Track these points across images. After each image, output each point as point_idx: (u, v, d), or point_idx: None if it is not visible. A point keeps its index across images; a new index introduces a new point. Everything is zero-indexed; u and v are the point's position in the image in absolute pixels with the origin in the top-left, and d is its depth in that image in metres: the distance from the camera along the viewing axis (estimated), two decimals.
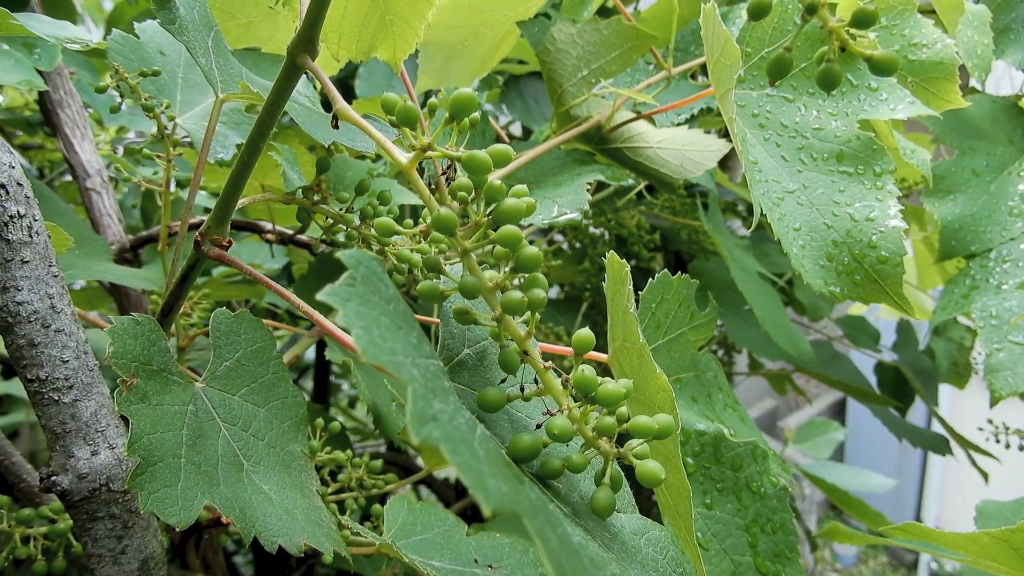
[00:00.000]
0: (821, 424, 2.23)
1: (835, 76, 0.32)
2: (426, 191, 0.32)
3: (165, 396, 0.40)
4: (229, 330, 0.45)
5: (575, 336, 0.34)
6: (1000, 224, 0.96)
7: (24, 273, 0.41)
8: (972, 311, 0.91)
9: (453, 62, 0.88)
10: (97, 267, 0.65)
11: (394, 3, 0.58)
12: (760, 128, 0.70)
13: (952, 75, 0.79)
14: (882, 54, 0.30)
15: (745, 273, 1.02)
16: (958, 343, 1.49)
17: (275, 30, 0.74)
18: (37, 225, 0.42)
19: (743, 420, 0.68)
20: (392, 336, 0.24)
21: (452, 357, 0.36)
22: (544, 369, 0.32)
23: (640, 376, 0.46)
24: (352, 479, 0.56)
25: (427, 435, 0.20)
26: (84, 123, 0.93)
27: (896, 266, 0.63)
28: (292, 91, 0.39)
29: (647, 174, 0.85)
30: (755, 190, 0.64)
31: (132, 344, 0.40)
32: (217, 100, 0.49)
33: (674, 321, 0.64)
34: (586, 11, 1.10)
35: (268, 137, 0.40)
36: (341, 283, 0.23)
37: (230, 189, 0.42)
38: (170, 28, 0.46)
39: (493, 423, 0.35)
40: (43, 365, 0.42)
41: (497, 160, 0.31)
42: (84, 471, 0.42)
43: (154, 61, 0.65)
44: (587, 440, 0.32)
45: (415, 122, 0.31)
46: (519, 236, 0.30)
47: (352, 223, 0.53)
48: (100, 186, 0.90)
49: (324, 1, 0.35)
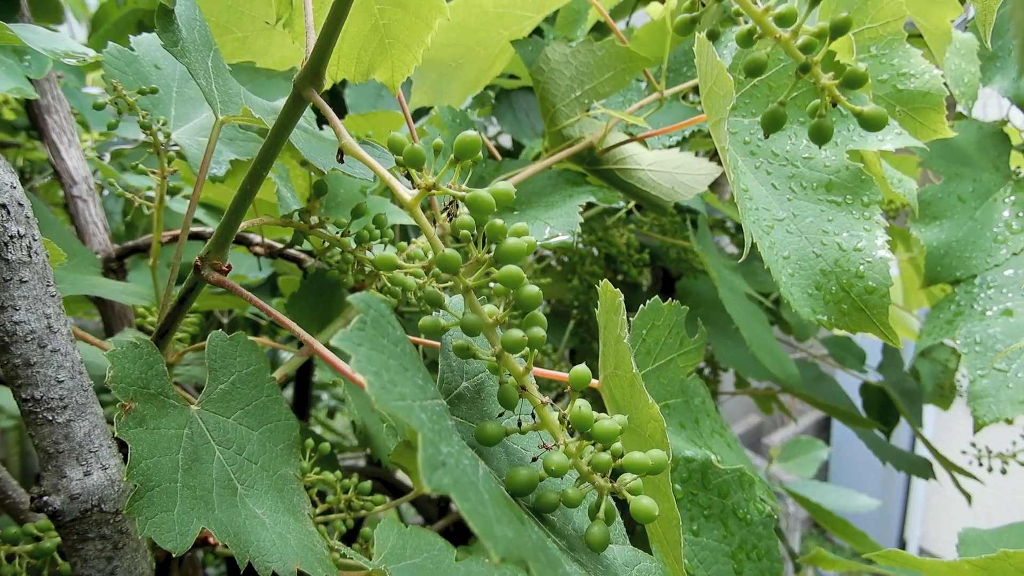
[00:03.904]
0: (806, 443, 2.26)
1: (827, 131, 0.33)
2: (431, 230, 0.33)
3: (162, 420, 0.41)
4: (224, 353, 0.46)
5: (572, 372, 0.35)
6: (985, 250, 0.98)
7: (22, 293, 0.42)
8: (957, 337, 0.93)
9: (447, 79, 0.89)
10: (86, 281, 0.65)
11: (394, 27, 0.59)
12: (751, 156, 0.72)
13: (939, 106, 0.81)
14: (872, 111, 0.31)
15: (733, 294, 1.04)
16: (943, 365, 1.52)
17: (270, 45, 0.75)
18: (36, 245, 0.43)
19: (730, 446, 0.69)
20: (400, 380, 0.25)
21: (451, 390, 0.38)
22: (542, 404, 0.34)
23: (631, 405, 0.48)
24: (340, 500, 0.57)
25: (438, 482, 0.21)
26: (71, 129, 0.93)
27: (883, 296, 0.64)
28: (297, 122, 0.40)
29: (638, 196, 0.86)
30: (746, 218, 0.66)
31: (131, 368, 0.41)
32: (217, 122, 0.50)
33: (664, 347, 0.65)
34: (580, 29, 1.12)
35: (271, 166, 0.41)
36: (352, 328, 0.25)
37: (232, 215, 0.43)
38: (172, 50, 0.47)
39: (490, 455, 0.36)
40: (38, 385, 0.43)
41: (499, 200, 0.32)
42: (76, 492, 0.43)
43: (149, 75, 0.66)
44: (582, 474, 0.33)
45: (422, 164, 0.33)
46: (521, 276, 0.31)
47: (348, 247, 0.54)
48: (86, 194, 0.91)
49: (332, 37, 0.36)
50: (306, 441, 0.57)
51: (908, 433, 2.80)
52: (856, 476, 3.14)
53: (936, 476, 1.36)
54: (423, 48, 0.62)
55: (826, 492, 2.16)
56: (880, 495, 2.55)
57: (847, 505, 2.14)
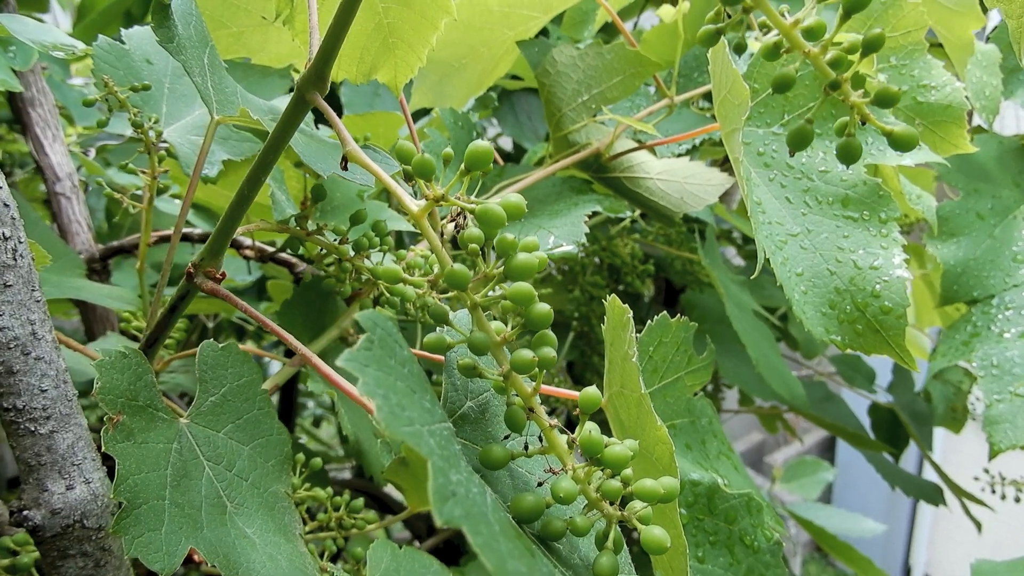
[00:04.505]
0: (811, 463, 2.26)
1: (856, 150, 0.34)
2: (438, 243, 0.33)
3: (150, 433, 0.41)
4: (216, 364, 0.46)
5: (582, 395, 0.35)
6: (1003, 270, 0.98)
7: (6, 298, 0.42)
8: (973, 359, 0.93)
9: (449, 80, 0.89)
10: (70, 284, 0.65)
11: (398, 26, 0.59)
12: (765, 168, 0.72)
13: (960, 120, 0.82)
14: (903, 130, 0.31)
15: (741, 311, 1.04)
16: (956, 386, 1.52)
17: (266, 41, 0.75)
18: (22, 248, 0.43)
19: (736, 468, 0.69)
20: (409, 403, 0.25)
21: (455, 410, 0.38)
22: (550, 428, 0.33)
23: (638, 425, 0.48)
24: (331, 518, 0.57)
25: (449, 515, 0.21)
26: (56, 123, 0.93)
27: (899, 317, 0.64)
28: (299, 126, 0.40)
29: (646, 206, 0.86)
30: (759, 232, 0.65)
31: (119, 379, 0.41)
32: (212, 122, 0.50)
33: (671, 365, 0.65)
34: (587, 30, 1.12)
35: (271, 171, 0.41)
36: (359, 347, 0.24)
37: (227, 221, 0.43)
38: (168, 47, 0.47)
39: (495, 478, 0.36)
40: (20, 394, 0.42)
41: (510, 213, 0.32)
42: (58, 506, 0.43)
43: (140, 70, 0.66)
44: (590, 501, 0.33)
45: (431, 175, 0.33)
46: (532, 294, 0.31)
47: (347, 255, 0.54)
48: (70, 191, 0.91)
49: (337, 39, 0.36)
50: (297, 456, 0.56)
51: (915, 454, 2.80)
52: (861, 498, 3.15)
53: (946, 503, 1.36)
54: (428, 49, 0.62)
55: (830, 515, 2.16)
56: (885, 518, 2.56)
57: (852, 529, 2.15)
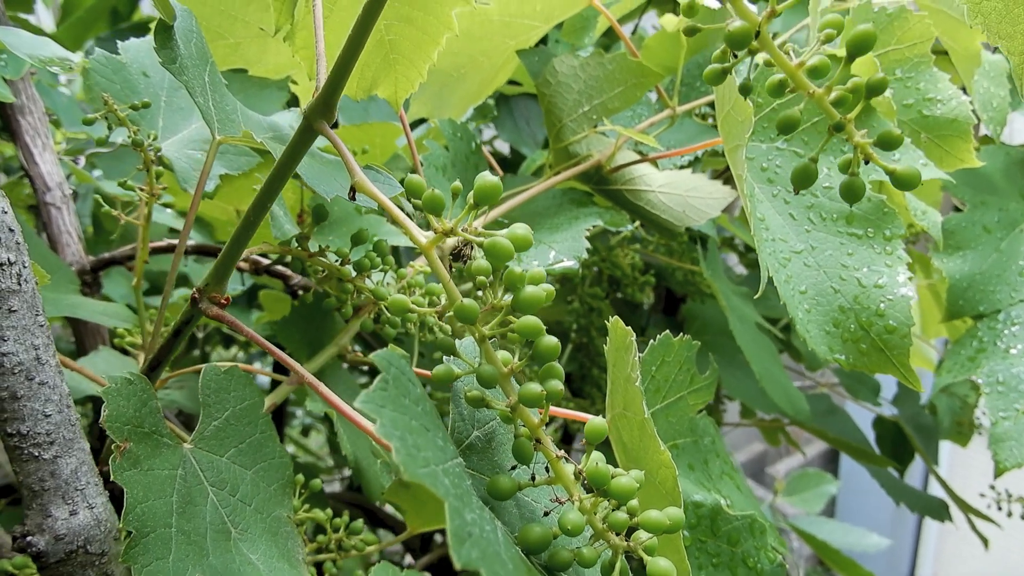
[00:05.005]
0: (814, 476, 2.28)
1: (860, 189, 0.35)
2: (446, 276, 0.34)
3: (155, 460, 0.43)
4: (219, 387, 0.47)
5: (588, 426, 0.37)
6: (1010, 284, 0.99)
7: (11, 323, 0.43)
8: (979, 376, 0.94)
9: (448, 90, 0.91)
10: (66, 300, 0.66)
11: (399, 42, 0.61)
12: (768, 183, 0.74)
13: (966, 134, 0.83)
14: (905, 170, 0.33)
15: (743, 324, 1.06)
16: (962, 400, 1.54)
17: (264, 52, 0.77)
18: (26, 272, 0.44)
19: (739, 488, 0.71)
20: (424, 443, 0.26)
21: (462, 440, 0.39)
22: (557, 459, 0.35)
23: (641, 448, 0.49)
24: (331, 540, 0.58)
25: (467, 558, 0.23)
26: (46, 131, 0.94)
27: (904, 337, 0.66)
28: (305, 153, 0.42)
29: (648, 219, 0.88)
30: (763, 249, 0.67)
31: (125, 406, 0.42)
32: (214, 142, 0.52)
33: (674, 385, 0.67)
34: (588, 37, 1.14)
35: (276, 197, 0.43)
36: (375, 388, 0.26)
37: (233, 247, 0.44)
38: (171, 67, 0.48)
39: (501, 508, 0.38)
40: (24, 419, 0.44)
41: (517, 246, 0.34)
42: (62, 532, 0.44)
43: (137, 83, 0.67)
44: (596, 532, 0.35)
45: (441, 210, 0.34)
46: (540, 328, 0.33)
47: (349, 276, 0.55)
48: (60, 201, 0.92)
49: (347, 68, 0.38)
50: (296, 476, 0.58)
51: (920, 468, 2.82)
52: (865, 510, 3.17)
53: (952, 519, 1.38)
54: (429, 64, 0.64)
55: (833, 529, 2.18)
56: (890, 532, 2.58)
57: (856, 544, 2.17)
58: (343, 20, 0.57)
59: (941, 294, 1.04)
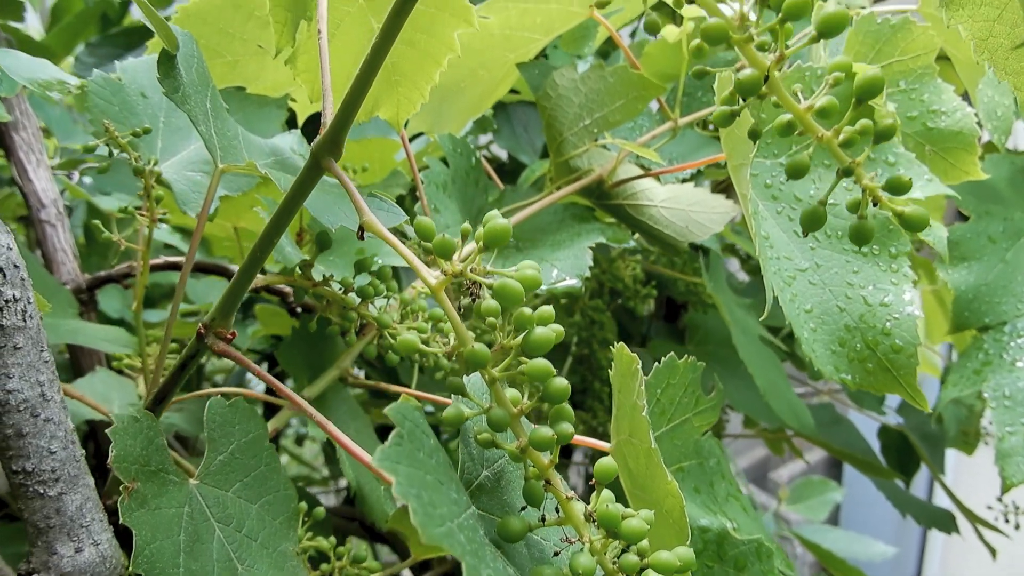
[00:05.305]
0: (818, 483, 2.29)
1: (868, 232, 0.36)
2: (456, 318, 0.35)
3: (163, 499, 0.43)
4: (224, 421, 0.48)
5: (597, 467, 0.38)
6: (1016, 296, 1.00)
7: (16, 360, 0.44)
8: (984, 390, 0.95)
9: (447, 104, 0.91)
10: (65, 326, 0.67)
11: (402, 64, 0.62)
12: (773, 200, 0.74)
13: (971, 146, 0.84)
14: (913, 212, 0.34)
15: (747, 337, 1.07)
16: (968, 408, 1.55)
17: (262, 69, 0.77)
18: (31, 308, 0.45)
19: (745, 510, 0.72)
20: (439, 499, 0.27)
21: (471, 481, 0.40)
22: (567, 500, 0.36)
23: (648, 476, 0.50)
24: (335, 568, 0.59)
25: None
26: (40, 147, 0.95)
27: (911, 356, 0.67)
28: (312, 190, 0.42)
29: (650, 234, 0.89)
30: (767, 268, 0.68)
31: (132, 445, 0.43)
32: (217, 170, 0.52)
33: (679, 407, 0.67)
34: (587, 46, 1.15)
35: (283, 233, 0.44)
36: (391, 444, 0.27)
37: (239, 282, 0.45)
38: (174, 97, 0.49)
39: (510, 550, 0.38)
40: (30, 457, 0.44)
41: (527, 287, 0.35)
42: (67, 569, 0.45)
43: (136, 105, 0.68)
44: (607, 572, 0.35)
45: (452, 254, 0.35)
46: (551, 371, 0.34)
47: (353, 304, 0.56)
48: (55, 218, 0.92)
49: (354, 105, 0.38)
50: (300, 504, 0.58)
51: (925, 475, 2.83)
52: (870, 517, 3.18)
53: (959, 531, 1.39)
54: (431, 85, 0.65)
55: (838, 538, 2.19)
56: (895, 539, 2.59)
57: (861, 552, 2.18)
58: (346, 44, 0.58)
59: (946, 300, 1.05)
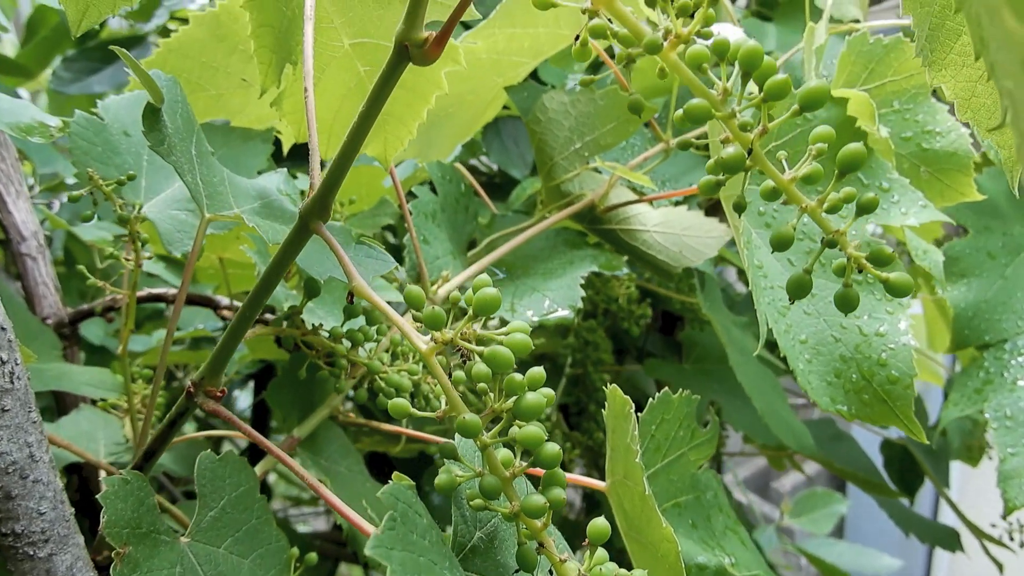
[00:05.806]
0: (822, 495, 2.30)
1: (853, 300, 0.37)
2: (448, 383, 0.36)
3: (154, 560, 0.44)
4: (214, 475, 0.49)
5: (591, 527, 0.39)
6: (1016, 313, 1.01)
7: (4, 422, 0.45)
8: (985, 410, 0.96)
9: (435, 130, 0.93)
10: (50, 372, 0.68)
11: (390, 104, 0.62)
12: (766, 228, 0.76)
13: (967, 168, 0.85)
14: (898, 278, 0.35)
15: (743, 357, 1.08)
16: (972, 420, 1.57)
17: (247, 103, 0.78)
18: (18, 370, 0.46)
19: (744, 543, 0.73)
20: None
21: (464, 544, 0.41)
22: (560, 562, 0.37)
23: (643, 519, 0.52)
24: None
25: None
26: (19, 179, 0.95)
27: (907, 388, 0.68)
28: (300, 252, 0.44)
29: (643, 260, 0.90)
30: (761, 299, 0.69)
31: (123, 508, 0.44)
32: (204, 220, 0.54)
33: (675, 442, 0.69)
34: (577, 64, 1.16)
35: (272, 292, 0.45)
36: (384, 530, 0.28)
37: (229, 341, 0.46)
38: (159, 150, 0.50)
39: None
40: (19, 519, 0.45)
41: (517, 353, 0.36)
42: None
43: (119, 144, 0.69)
44: None
45: (441, 325, 0.36)
46: (542, 438, 0.35)
47: (343, 352, 0.57)
48: (36, 251, 0.93)
49: (342, 170, 0.40)
50: (291, 551, 0.59)
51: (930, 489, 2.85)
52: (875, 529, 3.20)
53: (964, 549, 1.40)
54: (419, 122, 0.66)
55: (843, 551, 2.20)
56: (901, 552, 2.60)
57: (866, 566, 2.19)
58: (330, 88, 0.60)
59: (947, 309, 1.06)
